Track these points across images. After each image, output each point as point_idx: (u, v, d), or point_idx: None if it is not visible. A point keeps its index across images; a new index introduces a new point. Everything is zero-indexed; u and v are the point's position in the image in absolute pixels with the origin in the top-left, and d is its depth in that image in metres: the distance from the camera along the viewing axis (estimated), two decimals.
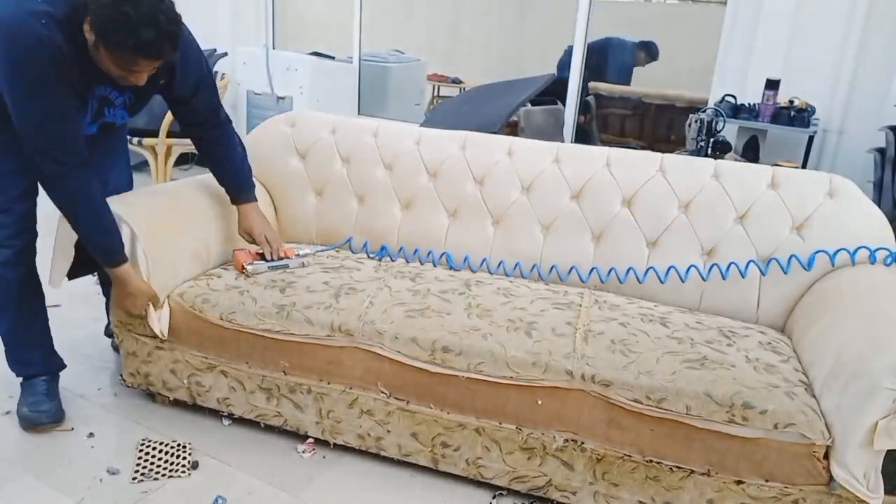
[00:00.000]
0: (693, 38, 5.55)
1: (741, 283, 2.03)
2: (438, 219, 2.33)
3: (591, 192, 2.21)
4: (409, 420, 1.83)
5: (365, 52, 5.04)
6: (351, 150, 2.44)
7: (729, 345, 1.78)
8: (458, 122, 3.08)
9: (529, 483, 1.78)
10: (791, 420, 1.53)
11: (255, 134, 2.54)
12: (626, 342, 1.75)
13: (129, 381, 2.12)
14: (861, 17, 3.20)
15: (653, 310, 1.98)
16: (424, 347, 1.77)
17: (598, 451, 1.69)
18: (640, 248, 2.14)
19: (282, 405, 1.95)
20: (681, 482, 1.65)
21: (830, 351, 1.61)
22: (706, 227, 2.09)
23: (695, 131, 3.19)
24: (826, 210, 2.01)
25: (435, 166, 2.35)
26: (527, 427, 1.73)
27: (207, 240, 2.12)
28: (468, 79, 6.22)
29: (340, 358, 1.86)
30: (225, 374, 1.98)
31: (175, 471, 1.85)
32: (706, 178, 2.14)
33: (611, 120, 5.20)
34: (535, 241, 2.24)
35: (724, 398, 1.57)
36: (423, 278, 2.09)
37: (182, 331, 1.98)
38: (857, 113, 3.31)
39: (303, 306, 1.89)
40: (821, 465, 1.54)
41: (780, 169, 2.14)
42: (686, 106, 4.66)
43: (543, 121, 3.76)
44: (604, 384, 1.65)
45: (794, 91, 3.29)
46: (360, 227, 2.39)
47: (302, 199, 2.45)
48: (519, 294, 2.01)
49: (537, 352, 1.72)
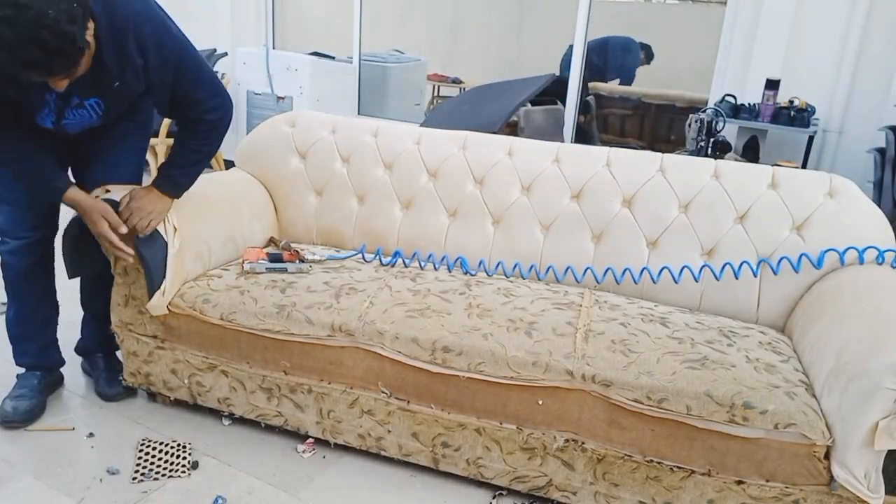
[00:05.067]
0: (693, 38, 5.56)
1: (741, 283, 2.03)
2: (438, 219, 2.33)
3: (591, 192, 2.21)
4: (409, 420, 1.83)
5: (365, 52, 5.03)
6: (351, 150, 2.44)
7: (729, 345, 1.78)
8: (458, 122, 3.08)
9: (530, 483, 1.78)
10: (791, 420, 1.53)
11: (254, 134, 2.54)
12: (626, 342, 1.75)
13: (129, 380, 2.12)
14: (861, 17, 3.20)
15: (653, 310, 1.98)
16: (425, 347, 1.77)
17: (599, 451, 1.69)
18: (640, 248, 2.14)
19: (282, 405, 1.95)
20: (681, 482, 1.65)
21: (831, 351, 1.61)
22: (706, 227, 2.09)
23: (695, 131, 3.19)
24: (826, 210, 2.01)
25: (435, 166, 2.35)
26: (527, 427, 1.73)
27: (208, 239, 2.12)
28: (468, 79, 6.22)
29: (341, 358, 1.86)
30: (226, 374, 1.98)
31: (175, 471, 1.85)
32: (706, 178, 2.14)
33: (611, 120, 5.20)
34: (535, 241, 2.24)
35: (724, 398, 1.57)
36: (423, 278, 2.09)
37: (182, 331, 1.98)
38: (857, 113, 3.31)
39: (303, 306, 1.89)
40: (821, 465, 1.54)
41: (780, 169, 2.14)
42: (686, 106, 4.66)
43: (543, 121, 3.76)
44: (604, 384, 1.65)
45: (794, 91, 3.29)
46: (360, 228, 2.39)
47: (302, 199, 2.45)
48: (519, 294, 2.01)
49: (538, 352, 1.72)
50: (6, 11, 1.40)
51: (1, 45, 1.42)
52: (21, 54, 1.44)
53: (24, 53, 1.43)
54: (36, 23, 1.41)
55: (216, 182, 2.42)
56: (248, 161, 2.50)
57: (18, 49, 1.43)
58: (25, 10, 1.40)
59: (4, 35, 1.41)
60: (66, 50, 1.48)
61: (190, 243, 2.04)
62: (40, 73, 1.51)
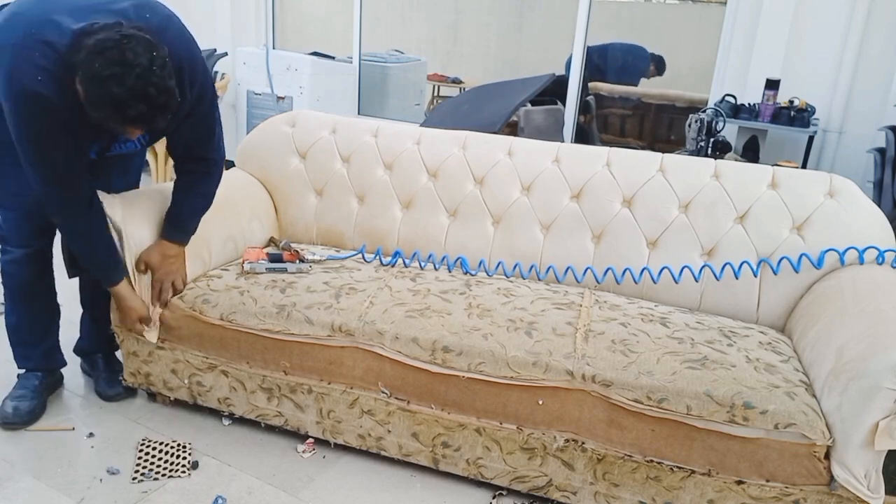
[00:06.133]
0: (693, 38, 5.56)
1: (741, 283, 2.03)
2: (438, 219, 2.33)
3: (591, 192, 2.21)
4: (409, 420, 1.83)
5: (365, 52, 5.03)
6: (351, 150, 2.44)
7: (729, 345, 1.78)
8: (458, 122, 3.08)
9: (530, 483, 1.78)
10: (792, 420, 1.53)
11: (255, 134, 2.54)
12: (626, 342, 1.75)
13: (129, 380, 2.12)
14: (861, 17, 3.21)
15: (653, 310, 1.98)
16: (425, 347, 1.77)
17: (599, 451, 1.69)
18: (640, 248, 2.14)
19: (282, 405, 1.95)
20: (681, 482, 1.65)
21: (831, 351, 1.61)
22: (706, 227, 2.09)
23: (695, 131, 3.19)
24: (826, 210, 2.01)
25: (435, 166, 2.35)
26: (527, 427, 1.73)
27: (208, 240, 2.12)
28: (468, 79, 6.21)
29: (341, 358, 1.86)
30: (226, 374, 1.98)
31: (175, 471, 1.85)
32: (706, 178, 2.14)
33: (611, 120, 5.20)
34: (535, 240, 2.24)
35: (724, 398, 1.57)
36: (423, 278, 2.09)
37: (183, 331, 1.98)
38: (857, 113, 3.31)
39: (303, 306, 1.89)
40: (821, 465, 1.54)
41: (780, 169, 2.14)
42: (686, 106, 4.66)
43: (543, 121, 3.76)
44: (604, 384, 1.65)
45: (794, 91, 3.29)
46: (361, 228, 2.39)
47: (302, 199, 2.45)
48: (519, 294, 2.01)
49: (538, 352, 1.72)
50: (115, 70, 1.43)
51: (110, 102, 1.46)
52: (130, 111, 1.47)
53: (133, 110, 1.47)
54: (144, 80, 1.45)
55: None
56: (248, 161, 2.51)
57: (126, 106, 1.46)
58: (133, 67, 1.44)
59: (114, 92, 1.44)
60: (170, 104, 1.53)
61: (190, 243, 2.04)
62: (143, 127, 1.55)
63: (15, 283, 1.98)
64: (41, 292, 2.04)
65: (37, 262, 1.97)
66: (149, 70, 1.46)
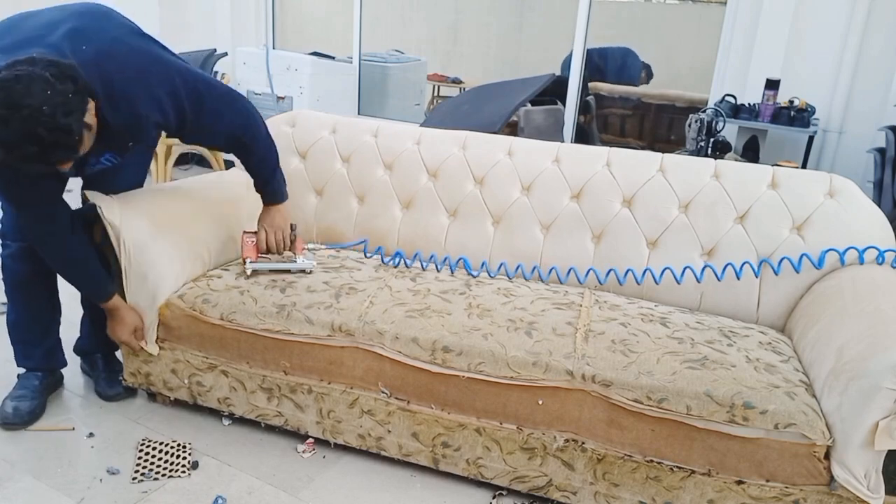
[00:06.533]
0: (693, 38, 5.56)
1: (741, 283, 2.03)
2: (438, 219, 2.33)
3: (591, 192, 2.21)
4: (409, 420, 1.83)
5: (365, 52, 5.03)
6: (351, 150, 2.44)
7: (729, 345, 1.78)
8: (458, 122, 3.08)
9: (530, 483, 1.78)
10: (792, 420, 1.53)
11: None
12: (626, 342, 1.75)
13: (129, 380, 2.12)
14: (861, 17, 3.21)
15: (653, 310, 1.98)
16: (425, 347, 1.77)
17: (599, 451, 1.69)
18: (641, 248, 2.14)
19: (282, 405, 1.95)
20: (681, 482, 1.65)
21: (831, 351, 1.61)
22: (706, 227, 2.09)
23: (695, 131, 3.19)
24: (826, 210, 2.01)
25: (435, 166, 2.35)
26: (527, 427, 1.73)
27: (208, 240, 2.12)
28: (468, 79, 6.22)
29: (341, 358, 1.86)
30: (226, 374, 1.98)
31: (175, 471, 1.85)
32: (706, 178, 2.14)
33: (611, 120, 5.21)
34: (535, 240, 2.24)
35: (724, 398, 1.57)
36: (423, 278, 2.09)
37: (182, 331, 1.98)
38: (857, 113, 3.32)
39: (303, 306, 1.89)
40: (821, 465, 1.54)
41: (780, 169, 2.14)
42: (686, 106, 4.66)
43: (543, 121, 3.76)
44: (604, 384, 1.65)
45: (794, 91, 3.29)
46: (361, 228, 2.39)
47: (302, 199, 2.45)
48: (519, 294, 2.01)
49: (538, 352, 1.72)
50: (1, 112, 1.42)
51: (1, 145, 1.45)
52: (18, 152, 1.47)
53: (22, 151, 1.46)
54: (31, 120, 1.43)
55: (216, 182, 2.42)
56: None
57: (15, 148, 1.46)
58: (19, 109, 1.42)
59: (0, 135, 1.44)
60: (62, 141, 1.50)
61: (190, 244, 2.04)
62: (41, 166, 1.54)
63: (14, 279, 1.99)
64: (41, 288, 2.03)
65: (36, 256, 1.96)
66: (37, 110, 1.43)
